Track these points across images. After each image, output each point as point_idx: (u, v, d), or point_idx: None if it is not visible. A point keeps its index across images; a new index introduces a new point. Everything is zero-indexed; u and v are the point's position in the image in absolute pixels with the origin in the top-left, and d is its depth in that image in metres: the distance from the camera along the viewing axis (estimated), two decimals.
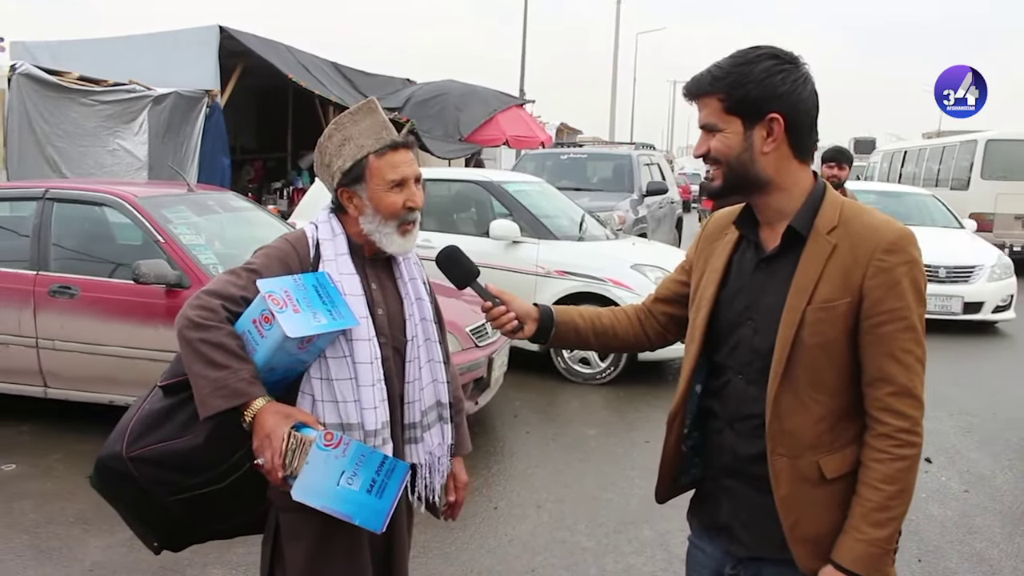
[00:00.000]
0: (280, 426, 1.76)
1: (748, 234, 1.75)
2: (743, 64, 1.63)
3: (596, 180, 12.39)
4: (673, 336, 2.05)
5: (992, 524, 4.26)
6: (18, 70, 8.76)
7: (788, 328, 1.62)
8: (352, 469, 1.75)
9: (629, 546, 3.93)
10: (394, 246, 2.01)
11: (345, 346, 1.92)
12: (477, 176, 8.12)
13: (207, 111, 10.21)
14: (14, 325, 4.94)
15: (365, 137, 1.97)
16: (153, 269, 4.55)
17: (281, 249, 1.99)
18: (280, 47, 12.07)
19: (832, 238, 1.62)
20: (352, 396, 1.92)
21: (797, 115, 1.63)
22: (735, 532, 1.77)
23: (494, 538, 3.98)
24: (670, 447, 1.88)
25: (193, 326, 1.82)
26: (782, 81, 1.61)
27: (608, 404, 6.27)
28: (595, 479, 4.74)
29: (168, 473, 1.93)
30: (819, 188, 1.69)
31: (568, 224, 7.53)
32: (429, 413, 2.11)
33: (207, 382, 1.78)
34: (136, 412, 2.01)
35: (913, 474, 1.60)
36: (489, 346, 5.21)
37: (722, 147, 1.66)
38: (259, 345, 1.82)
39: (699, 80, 1.68)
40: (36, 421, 5.30)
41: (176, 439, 1.92)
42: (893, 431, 1.57)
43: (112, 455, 1.97)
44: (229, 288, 1.89)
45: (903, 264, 1.58)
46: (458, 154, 15.31)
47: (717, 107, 1.65)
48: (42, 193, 5.20)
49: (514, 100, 17.54)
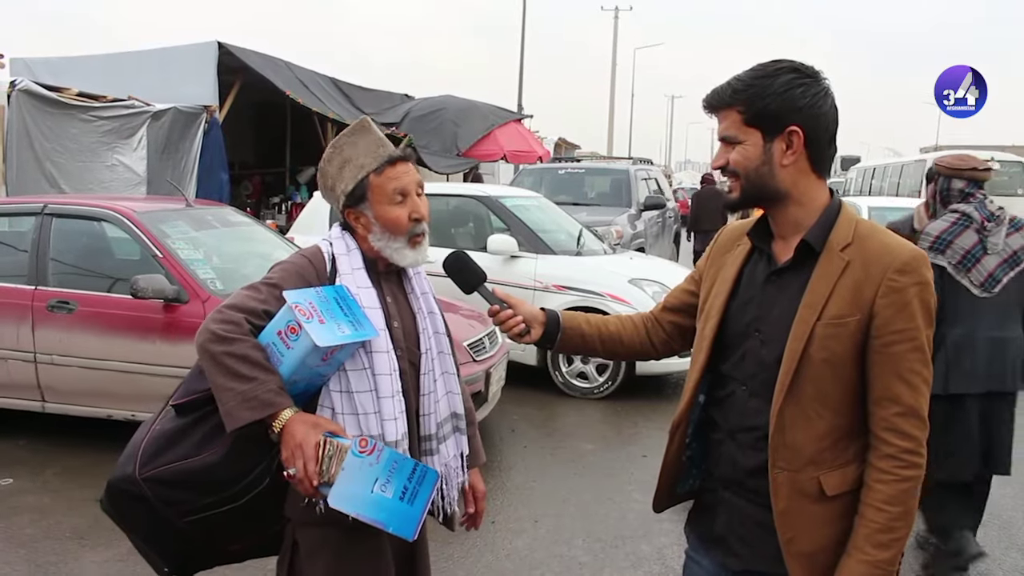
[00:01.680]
0: (311, 435, 1.76)
1: (761, 245, 1.76)
2: (763, 77, 1.63)
3: (594, 195, 12.44)
4: (678, 346, 2.06)
5: (991, 539, 4.24)
6: (18, 86, 8.78)
7: (797, 342, 1.62)
8: (385, 476, 1.75)
9: (626, 560, 3.93)
10: (406, 259, 2.03)
11: (365, 358, 1.93)
12: (475, 191, 8.15)
13: (205, 127, 10.25)
14: (12, 340, 4.95)
15: (363, 157, 1.99)
16: (151, 284, 4.56)
17: (298, 264, 2.01)
18: (279, 63, 12.12)
19: (845, 255, 1.62)
20: (372, 408, 1.92)
21: (817, 129, 1.64)
22: (731, 545, 1.77)
23: (491, 552, 3.98)
24: (671, 456, 1.89)
25: (217, 339, 1.81)
26: (802, 95, 1.62)
27: (606, 418, 6.27)
28: (592, 493, 4.73)
29: (184, 493, 1.91)
30: (835, 204, 1.69)
31: (566, 239, 7.55)
32: (444, 425, 2.12)
33: (233, 394, 1.77)
34: (147, 432, 1.98)
35: (915, 496, 1.60)
36: (487, 360, 5.21)
37: (741, 159, 1.67)
38: (285, 356, 1.83)
39: (719, 92, 1.69)
40: (34, 435, 5.29)
41: (193, 457, 1.89)
42: (898, 452, 1.57)
43: (124, 477, 1.94)
44: (250, 302, 1.90)
45: (915, 285, 1.58)
46: (456, 169, 15.35)
47: (737, 119, 1.66)
48: (41, 208, 5.21)
49: (512, 115, 17.60)
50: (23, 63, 11.53)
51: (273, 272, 2.01)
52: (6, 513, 4.21)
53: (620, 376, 6.60)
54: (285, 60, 12.42)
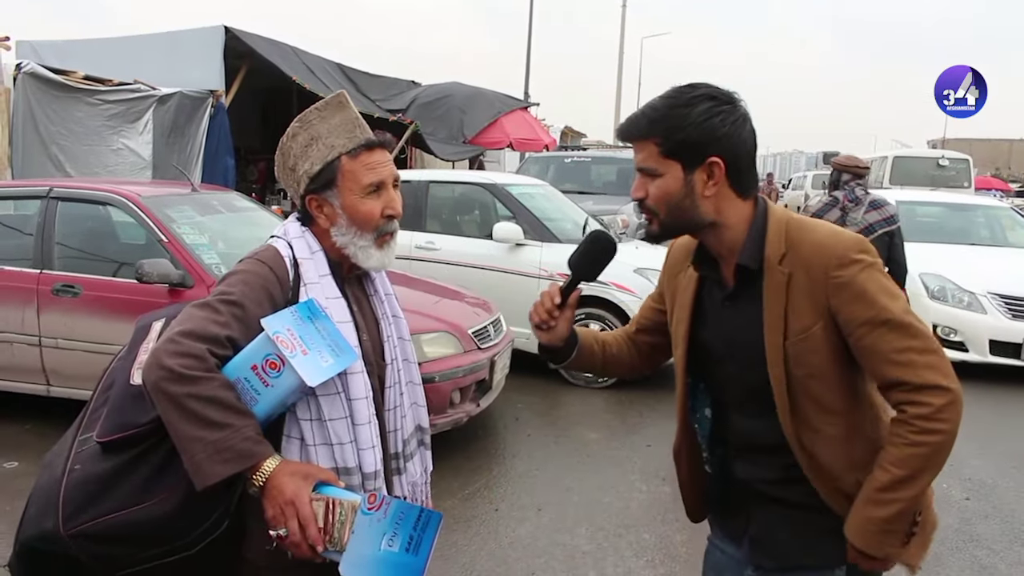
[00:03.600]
0: (303, 489, 1.50)
1: (708, 274, 1.74)
2: (680, 107, 1.58)
3: (600, 184, 12.39)
4: (660, 360, 2.06)
5: (993, 532, 4.25)
6: (24, 69, 8.77)
7: (776, 367, 1.60)
8: (392, 530, 1.57)
9: (629, 550, 3.93)
10: (371, 261, 1.77)
11: (339, 382, 1.67)
12: (481, 179, 8.13)
13: (212, 111, 10.23)
14: (17, 323, 4.96)
15: (336, 136, 1.74)
16: (156, 268, 4.55)
17: (259, 275, 1.69)
18: (285, 48, 12.09)
19: (784, 267, 1.60)
20: (348, 437, 1.68)
21: (737, 156, 1.60)
22: (767, 547, 1.76)
23: (494, 540, 3.98)
24: (683, 479, 1.90)
25: (177, 379, 1.48)
26: (721, 123, 1.57)
27: (610, 408, 6.26)
28: (596, 482, 4.73)
29: (124, 547, 1.58)
30: (759, 215, 1.65)
31: (571, 227, 7.53)
32: (411, 441, 1.91)
33: (203, 445, 1.47)
34: (64, 476, 1.63)
35: (930, 462, 1.54)
36: (491, 348, 5.21)
37: (660, 193, 1.62)
38: (262, 395, 1.57)
39: (635, 122, 1.63)
40: (39, 419, 5.31)
41: (138, 506, 1.56)
42: (910, 417, 1.54)
43: (42, 536, 1.61)
44: (210, 327, 1.56)
45: (859, 272, 1.56)
46: (462, 156, 15.32)
47: (654, 151, 1.60)
48: (46, 192, 5.21)
49: (519, 103, 17.56)
50: (29, 46, 11.51)
51: (231, 286, 1.66)
52: (11, 496, 4.22)
53: None
54: (292, 45, 12.38)
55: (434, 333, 4.81)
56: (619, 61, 38.81)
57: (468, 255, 7.13)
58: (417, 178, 7.94)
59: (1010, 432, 5.93)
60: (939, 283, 7.68)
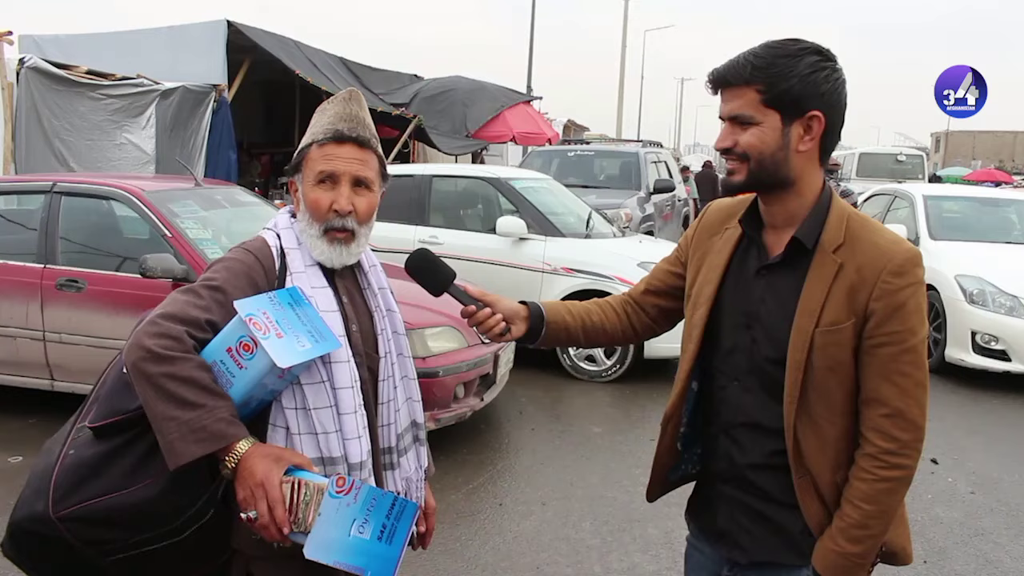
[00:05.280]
0: (274, 472, 1.49)
1: (752, 234, 1.70)
2: (786, 57, 1.55)
3: (603, 177, 12.39)
4: (662, 328, 2.00)
5: (999, 526, 4.25)
6: (27, 64, 8.76)
7: (799, 352, 1.58)
8: (363, 516, 1.54)
9: (634, 544, 3.93)
10: (317, 251, 1.75)
11: (323, 370, 1.67)
12: (484, 172, 8.13)
13: (214, 106, 10.24)
14: (21, 318, 4.96)
15: (319, 126, 1.77)
16: (160, 263, 4.55)
17: (244, 262, 1.72)
18: (288, 42, 12.09)
19: (838, 257, 1.58)
20: (333, 426, 1.68)
21: (835, 116, 1.59)
22: (736, 538, 1.75)
23: (499, 534, 3.98)
24: (664, 448, 1.86)
25: (154, 358, 1.51)
26: (825, 79, 1.55)
27: (614, 402, 6.26)
28: (600, 476, 4.73)
29: (113, 531, 1.61)
30: (826, 195, 1.64)
31: (575, 221, 7.52)
32: (405, 436, 1.90)
33: (176, 424, 1.48)
34: (58, 461, 1.67)
35: (896, 496, 1.58)
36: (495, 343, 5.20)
37: (756, 141, 1.57)
38: (236, 377, 1.58)
39: (736, 67, 1.58)
40: (43, 414, 5.31)
41: (123, 490, 1.59)
42: (878, 452, 1.55)
43: (33, 516, 1.64)
44: (191, 311, 1.60)
45: (909, 287, 1.55)
46: (465, 150, 15.32)
47: (754, 98, 1.56)
48: (50, 187, 5.21)
49: (521, 97, 17.56)
50: (32, 40, 11.52)
51: (215, 272, 1.71)
52: (16, 490, 4.20)
53: (628, 359, 6.58)
54: (295, 39, 12.38)
55: (438, 328, 4.80)
56: (622, 55, 38.75)
57: (472, 249, 7.12)
58: (420, 172, 7.94)
59: (1016, 425, 5.92)
60: (978, 286, 6.99)
